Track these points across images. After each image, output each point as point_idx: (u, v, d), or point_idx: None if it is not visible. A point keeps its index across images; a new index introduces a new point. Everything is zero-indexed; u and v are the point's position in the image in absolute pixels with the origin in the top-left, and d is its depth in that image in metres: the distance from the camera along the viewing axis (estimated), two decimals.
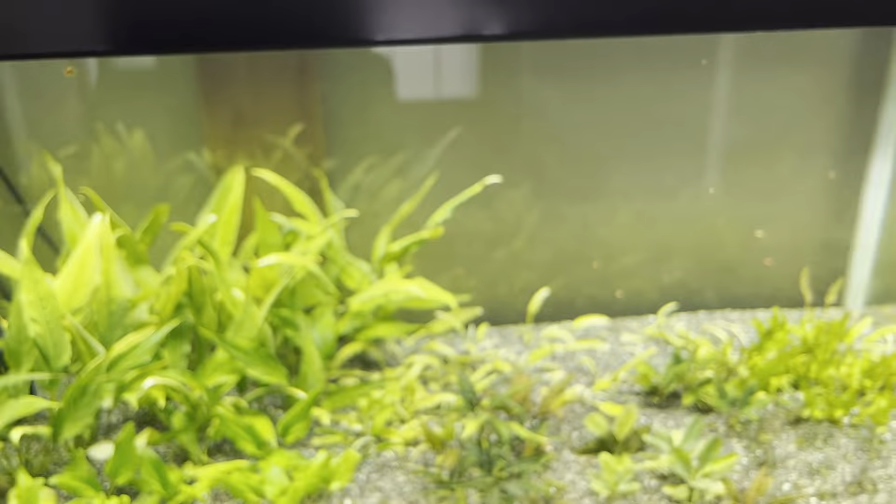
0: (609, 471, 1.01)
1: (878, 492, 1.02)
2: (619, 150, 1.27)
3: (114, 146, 1.17)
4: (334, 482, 0.95)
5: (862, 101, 1.27)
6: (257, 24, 0.54)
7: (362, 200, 1.25)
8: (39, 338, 0.88)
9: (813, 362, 1.14)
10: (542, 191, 1.28)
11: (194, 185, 1.21)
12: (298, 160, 1.19)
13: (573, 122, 1.24)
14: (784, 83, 1.25)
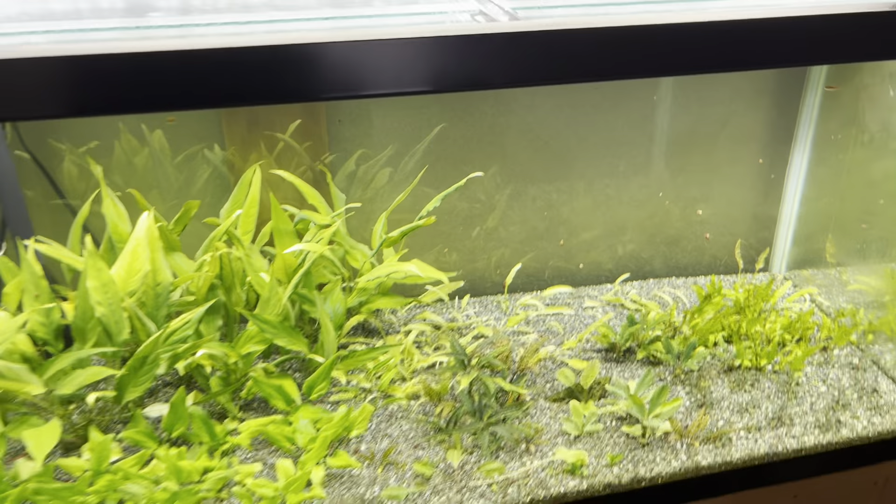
0: (577, 415, 1.21)
1: (794, 425, 1.24)
2: (579, 141, 1.43)
3: (135, 144, 1.31)
4: (354, 430, 1.14)
5: (785, 99, 1.45)
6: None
7: (356, 189, 1.41)
8: (104, 317, 1.04)
9: (743, 320, 1.35)
10: (513, 177, 1.44)
11: (209, 178, 1.36)
12: (302, 156, 1.35)
13: (540, 117, 1.41)
14: (720, 83, 1.44)
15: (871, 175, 1.32)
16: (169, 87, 0.71)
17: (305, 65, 0.73)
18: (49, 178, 1.22)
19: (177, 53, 0.68)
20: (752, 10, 0.89)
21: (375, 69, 0.73)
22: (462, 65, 0.72)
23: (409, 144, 1.36)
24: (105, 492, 1.00)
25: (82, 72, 0.67)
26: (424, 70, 0.73)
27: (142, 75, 0.69)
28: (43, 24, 0.86)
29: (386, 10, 0.90)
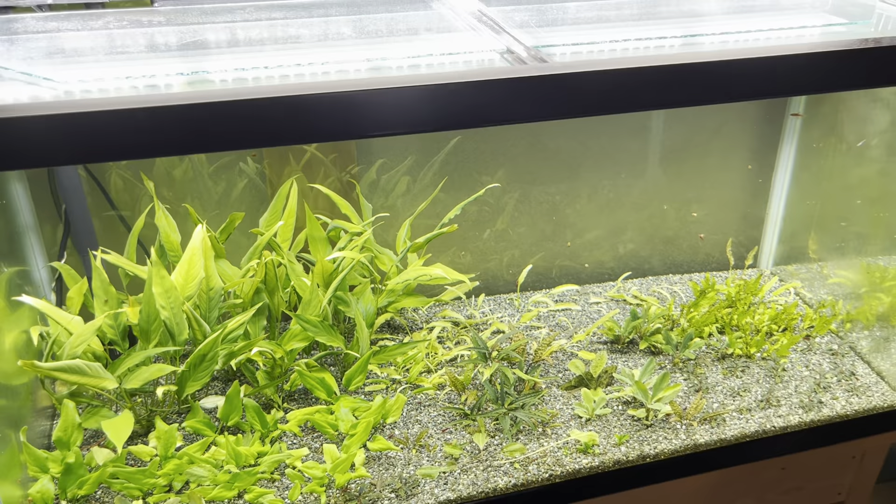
0: (588, 400, 1.34)
1: (781, 406, 1.37)
2: (584, 150, 1.55)
3: (174, 159, 1.42)
4: (389, 418, 1.26)
5: (771, 110, 1.59)
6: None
7: (378, 197, 1.53)
8: (167, 320, 1.17)
9: (734, 313, 1.48)
10: (522, 184, 1.53)
11: (244, 189, 1.47)
12: (329, 167, 1.46)
13: (546, 128, 1.52)
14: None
15: (848, 180, 1.46)
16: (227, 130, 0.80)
17: (355, 108, 0.83)
18: (104, 192, 1.33)
19: (235, 102, 0.78)
20: (739, 50, 1.03)
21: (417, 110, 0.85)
22: (499, 102, 0.85)
23: (428, 155, 1.48)
24: (173, 474, 1.12)
25: (157, 119, 0.77)
26: (461, 110, 0.85)
27: (193, 122, 0.79)
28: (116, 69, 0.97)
29: (420, 50, 1.02)
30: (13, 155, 0.75)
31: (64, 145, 0.76)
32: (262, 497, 1.12)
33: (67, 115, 0.74)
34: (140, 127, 0.77)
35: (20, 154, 0.76)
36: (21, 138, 0.74)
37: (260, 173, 1.44)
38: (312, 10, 1.15)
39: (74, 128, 0.75)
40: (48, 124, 0.74)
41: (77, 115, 0.75)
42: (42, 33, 1.03)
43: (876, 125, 1.37)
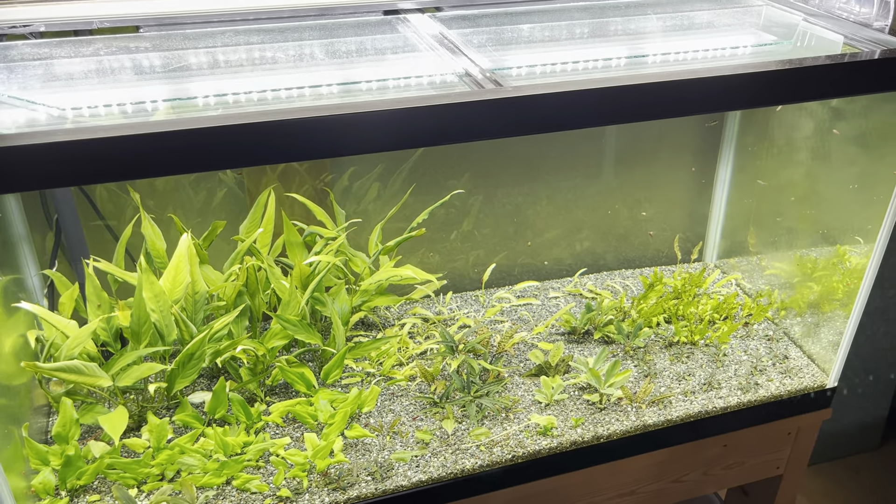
0: (546, 387, 1.46)
1: (722, 388, 1.50)
2: (542, 156, 1.66)
3: None
4: (364, 407, 1.37)
5: (711, 116, 1.73)
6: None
7: (351, 203, 1.63)
8: (157, 322, 1.26)
9: (680, 304, 1.60)
10: (485, 188, 1.63)
11: (224, 198, 1.56)
12: (304, 176, 1.56)
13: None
14: None
15: (779, 180, 1.59)
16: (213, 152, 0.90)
17: (328, 131, 0.93)
18: (91, 203, 1.42)
19: (220, 128, 0.88)
20: (678, 71, 1.15)
21: (384, 132, 0.95)
22: (456, 123, 0.96)
23: (397, 163, 1.58)
24: (165, 464, 1.22)
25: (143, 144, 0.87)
26: (423, 131, 0.96)
27: (192, 143, 0.88)
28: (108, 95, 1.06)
29: (386, 73, 1.12)
30: (15, 178, 0.84)
31: (63, 168, 0.85)
32: (248, 482, 1.21)
33: (65, 142, 0.83)
34: (133, 150, 0.86)
35: (22, 177, 0.84)
36: (22, 162, 0.83)
37: (239, 183, 1.54)
38: (287, 34, 1.25)
39: (72, 152, 0.84)
40: (48, 149, 0.83)
41: (75, 142, 0.83)
42: (37, 60, 1.12)
43: (801, 131, 1.51)
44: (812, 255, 1.54)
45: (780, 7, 1.43)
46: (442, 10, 1.37)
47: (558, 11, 1.41)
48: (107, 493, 1.20)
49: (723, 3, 1.49)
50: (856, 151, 1.41)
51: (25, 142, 0.81)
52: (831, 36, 1.30)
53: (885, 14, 1.29)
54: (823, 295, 1.52)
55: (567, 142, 1.66)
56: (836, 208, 1.48)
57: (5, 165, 0.82)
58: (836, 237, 1.47)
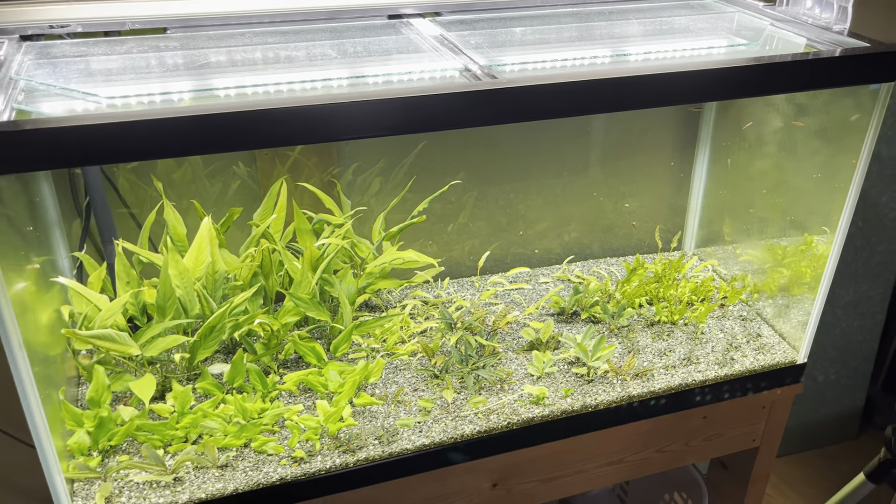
0: (538, 361, 1.57)
1: (700, 363, 1.62)
2: (532, 151, 1.79)
3: (172, 163, 1.61)
4: (371, 378, 1.48)
5: (689, 113, 1.85)
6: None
7: (355, 195, 1.75)
8: (181, 297, 1.37)
9: (661, 287, 1.73)
10: (480, 182, 1.75)
11: (237, 189, 1.67)
12: (312, 169, 1.68)
13: (500, 133, 1.76)
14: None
15: (750, 172, 1.73)
16: (233, 134, 1.01)
17: (340, 116, 1.05)
18: (116, 191, 1.53)
19: (244, 113, 0.99)
20: (659, 65, 1.29)
21: (392, 117, 1.08)
22: (459, 111, 1.08)
23: (399, 158, 1.70)
24: (189, 427, 1.32)
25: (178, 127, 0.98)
26: (428, 117, 1.08)
27: (202, 127, 1.00)
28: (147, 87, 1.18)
29: (393, 69, 1.25)
30: (73, 155, 0.96)
31: (111, 147, 0.96)
32: (266, 444, 1.32)
33: (114, 124, 0.95)
34: (169, 132, 0.98)
35: (78, 154, 0.96)
36: (78, 142, 0.94)
37: (251, 175, 1.65)
38: (300, 36, 1.38)
39: (119, 133, 0.96)
40: (99, 131, 0.95)
41: (122, 123, 0.95)
42: (77, 57, 1.24)
43: (769, 125, 1.64)
44: (782, 243, 1.67)
45: (750, 13, 1.57)
46: (441, 14, 1.50)
47: (548, 17, 1.54)
48: (135, 454, 1.30)
49: (698, 10, 1.63)
50: (819, 144, 1.54)
51: (75, 123, 0.93)
52: (795, 38, 1.44)
53: (844, 18, 1.43)
54: (792, 279, 1.64)
55: (556, 139, 1.79)
56: (802, 197, 1.61)
57: (59, 144, 0.93)
58: (803, 223, 1.60)
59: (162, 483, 1.26)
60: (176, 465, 1.27)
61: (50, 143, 0.90)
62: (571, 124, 1.78)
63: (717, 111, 1.81)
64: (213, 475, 1.28)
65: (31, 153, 0.91)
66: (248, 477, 1.28)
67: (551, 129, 1.77)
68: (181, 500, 1.24)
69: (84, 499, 1.23)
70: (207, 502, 1.26)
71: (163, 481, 1.26)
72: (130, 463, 1.25)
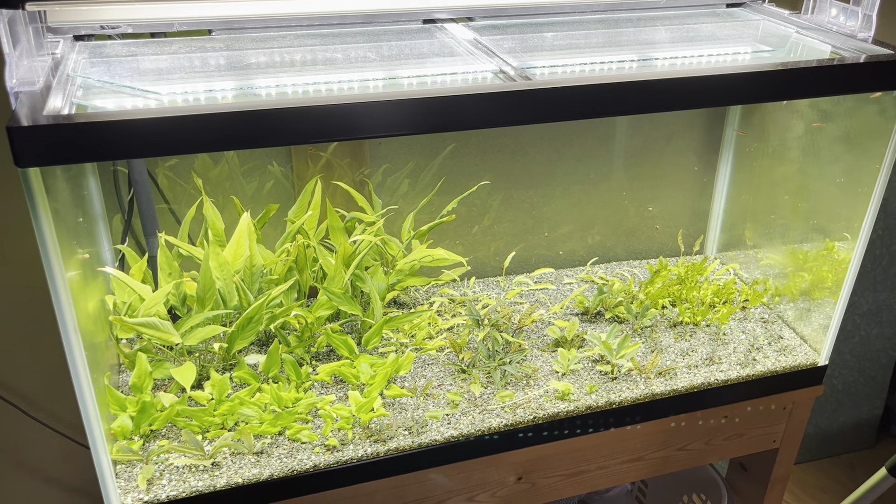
0: (563, 358, 1.61)
1: (722, 363, 1.65)
2: (559, 155, 1.83)
3: (209, 161, 1.67)
4: (401, 371, 1.52)
5: (713, 119, 1.90)
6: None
7: (385, 195, 1.80)
8: (221, 289, 1.42)
9: (683, 289, 1.76)
10: (507, 184, 1.79)
11: (272, 187, 1.72)
12: (344, 169, 1.73)
13: (528, 136, 1.80)
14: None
15: (774, 178, 1.76)
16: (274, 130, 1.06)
17: (376, 113, 1.10)
18: (158, 188, 1.58)
19: (285, 110, 1.04)
20: (685, 69, 1.33)
21: (431, 115, 1.12)
22: (497, 110, 1.13)
23: (428, 159, 1.75)
24: (227, 414, 1.37)
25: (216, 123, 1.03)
26: (466, 116, 1.13)
27: (251, 122, 1.04)
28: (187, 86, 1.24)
29: (429, 70, 1.29)
30: (142, 146, 1.00)
31: (172, 139, 1.01)
32: (300, 432, 1.37)
33: (179, 118, 1.00)
34: (225, 127, 1.03)
35: (144, 145, 1.01)
36: (144, 135, 0.99)
37: (285, 174, 1.70)
38: (339, 39, 1.43)
39: (181, 126, 1.00)
40: (164, 124, 0.99)
41: (187, 117, 1.00)
42: (129, 56, 1.29)
43: (793, 131, 1.67)
44: (803, 247, 1.70)
45: (775, 21, 1.61)
46: (474, 20, 1.54)
47: (577, 23, 1.58)
48: (174, 439, 1.35)
49: (725, 18, 1.67)
50: (842, 149, 1.57)
51: (135, 116, 0.98)
52: (820, 45, 1.47)
53: (868, 26, 1.46)
54: (814, 283, 1.67)
55: (581, 143, 1.83)
56: (824, 202, 1.64)
57: (122, 136, 0.98)
58: (825, 228, 1.63)
59: (200, 467, 1.31)
60: (214, 451, 1.31)
61: (115, 135, 0.96)
62: (597, 129, 1.82)
63: (741, 116, 1.84)
64: (249, 461, 1.33)
65: (97, 144, 0.96)
66: (282, 463, 1.33)
67: (577, 133, 1.81)
68: (219, 485, 1.29)
69: (126, 480, 1.28)
70: (244, 487, 1.30)
71: (201, 465, 1.31)
72: (171, 447, 1.30)
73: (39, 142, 0.93)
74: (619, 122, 1.84)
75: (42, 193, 1.00)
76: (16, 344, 1.69)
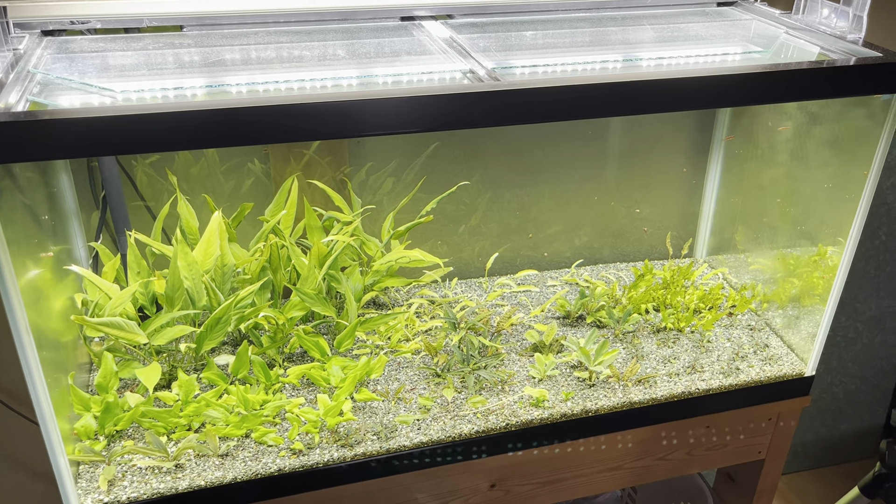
0: (540, 363, 1.58)
1: (704, 371, 1.61)
2: (544, 155, 1.79)
3: (190, 158, 1.65)
4: (373, 374, 1.50)
5: (702, 120, 1.85)
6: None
7: (367, 194, 1.77)
8: (189, 289, 1.40)
9: (668, 293, 1.73)
10: (491, 184, 1.77)
11: (251, 185, 1.70)
12: (325, 167, 1.71)
13: (512, 137, 1.77)
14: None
15: (762, 181, 1.72)
16: (241, 129, 1.04)
17: (349, 113, 1.07)
18: (133, 184, 1.57)
19: (252, 109, 1.02)
20: (659, 70, 1.29)
21: (398, 116, 1.09)
22: (459, 111, 1.10)
23: (410, 158, 1.72)
24: (192, 416, 1.35)
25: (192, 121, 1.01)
26: (431, 117, 1.10)
27: (217, 123, 1.02)
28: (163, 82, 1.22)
29: (401, 70, 1.26)
30: (82, 146, 0.99)
31: (121, 139, 0.99)
32: (266, 435, 1.35)
33: (126, 117, 0.98)
34: (178, 126, 1.01)
35: (89, 145, 0.99)
36: (89, 134, 0.97)
37: (265, 172, 1.68)
38: (313, 36, 1.40)
39: (130, 126, 0.99)
40: (111, 123, 0.98)
41: (133, 116, 0.98)
42: (94, 52, 1.28)
43: (782, 134, 1.63)
44: (794, 252, 1.66)
45: (766, 21, 1.56)
46: (454, 17, 1.51)
47: (560, 21, 1.55)
48: (140, 440, 1.34)
49: (714, 17, 1.62)
50: (831, 154, 1.52)
51: (83, 115, 0.96)
52: (809, 47, 1.42)
53: (859, 28, 1.41)
54: (803, 289, 1.63)
55: (568, 144, 1.79)
56: (814, 207, 1.59)
57: (68, 135, 0.97)
58: (815, 233, 1.58)
59: (164, 469, 1.29)
60: (178, 452, 1.30)
61: (56, 134, 0.94)
62: (583, 129, 1.79)
63: (730, 118, 1.80)
64: (213, 463, 1.31)
65: (40, 143, 0.95)
66: (247, 467, 1.31)
67: (564, 133, 1.78)
68: (181, 487, 1.27)
69: (88, 481, 1.27)
70: (207, 490, 1.29)
71: (164, 467, 1.29)
72: (134, 448, 1.29)
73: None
74: (606, 122, 1.80)
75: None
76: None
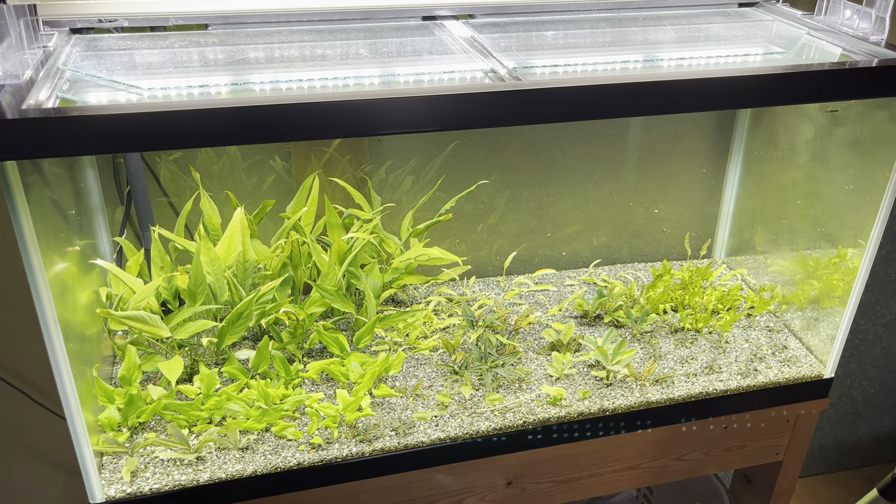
0: (558, 362, 1.58)
1: (722, 372, 1.61)
2: (563, 155, 1.80)
3: (213, 155, 1.67)
4: (391, 371, 1.51)
5: (722, 121, 1.85)
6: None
7: (386, 192, 1.79)
8: (211, 284, 1.42)
9: (686, 293, 1.73)
10: (510, 183, 1.78)
11: (273, 182, 1.72)
12: (345, 165, 1.72)
13: (532, 135, 1.78)
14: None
15: (782, 182, 1.71)
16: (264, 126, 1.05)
17: (371, 112, 1.08)
18: (157, 181, 1.59)
19: (275, 107, 1.03)
20: (680, 71, 1.29)
21: (419, 114, 1.10)
22: (481, 110, 1.10)
23: (430, 157, 1.73)
24: (213, 409, 1.37)
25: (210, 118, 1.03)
26: (452, 115, 1.11)
27: (242, 120, 1.04)
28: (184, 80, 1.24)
29: (422, 69, 1.28)
30: (110, 142, 1.01)
31: (148, 135, 1.01)
32: (285, 430, 1.37)
33: (153, 114, 0.99)
34: (204, 123, 1.02)
35: (116, 141, 1.01)
36: (117, 130, 0.99)
37: (286, 170, 1.70)
38: (336, 35, 1.42)
39: (156, 123, 1.00)
40: (139, 120, 0.99)
41: (159, 113, 1.00)
42: (122, 50, 1.30)
43: (803, 136, 1.62)
44: (813, 254, 1.65)
45: (787, 22, 1.56)
46: (475, 17, 1.52)
47: (581, 21, 1.55)
48: (162, 432, 1.36)
49: (735, 18, 1.62)
50: (852, 156, 1.52)
51: (112, 112, 0.97)
52: (831, 48, 1.42)
53: (882, 29, 1.41)
54: (822, 291, 1.62)
55: (588, 144, 1.79)
56: (834, 209, 1.58)
57: (96, 131, 0.98)
58: (835, 235, 1.58)
59: (185, 461, 1.31)
60: (199, 445, 1.32)
61: (85, 130, 0.96)
62: (603, 129, 1.79)
63: (750, 119, 1.79)
64: (233, 456, 1.33)
65: (69, 139, 0.97)
66: (266, 460, 1.33)
67: (584, 133, 1.78)
68: (202, 479, 1.29)
69: (111, 471, 1.29)
70: (227, 482, 1.30)
71: (186, 459, 1.31)
72: (156, 440, 1.31)
73: (12, 136, 0.94)
74: (625, 122, 1.80)
75: (19, 186, 1.00)
76: (23, 331, 1.71)
